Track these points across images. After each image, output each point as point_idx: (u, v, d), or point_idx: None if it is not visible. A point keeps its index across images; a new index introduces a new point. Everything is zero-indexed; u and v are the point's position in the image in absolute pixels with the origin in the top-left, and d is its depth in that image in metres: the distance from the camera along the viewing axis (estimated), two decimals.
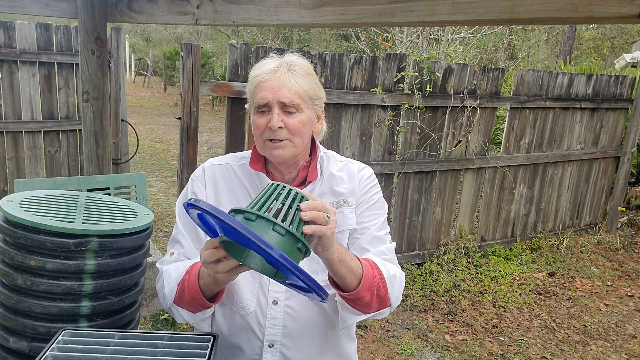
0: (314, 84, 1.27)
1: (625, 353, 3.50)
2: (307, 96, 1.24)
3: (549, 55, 14.90)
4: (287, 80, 1.21)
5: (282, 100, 1.20)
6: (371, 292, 1.19)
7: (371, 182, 1.37)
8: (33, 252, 1.37)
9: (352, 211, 1.33)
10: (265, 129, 1.22)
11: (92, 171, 2.73)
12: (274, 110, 1.21)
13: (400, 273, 1.30)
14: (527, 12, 1.38)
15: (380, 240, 1.33)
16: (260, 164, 1.31)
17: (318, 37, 16.93)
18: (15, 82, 4.46)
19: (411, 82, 4.09)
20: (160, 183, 7.12)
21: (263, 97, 1.21)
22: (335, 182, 1.34)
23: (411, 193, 4.38)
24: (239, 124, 3.52)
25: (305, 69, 1.25)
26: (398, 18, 1.63)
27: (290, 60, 1.24)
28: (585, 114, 5.40)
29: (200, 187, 1.34)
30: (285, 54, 1.28)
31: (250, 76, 1.27)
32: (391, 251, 1.34)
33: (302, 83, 1.23)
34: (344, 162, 1.39)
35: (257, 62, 1.29)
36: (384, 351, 3.30)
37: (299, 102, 1.22)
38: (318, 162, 1.32)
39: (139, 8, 2.46)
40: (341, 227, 1.31)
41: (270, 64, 1.24)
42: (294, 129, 1.22)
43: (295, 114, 1.23)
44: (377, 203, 1.36)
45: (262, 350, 1.30)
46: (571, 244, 5.32)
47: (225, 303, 1.33)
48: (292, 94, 1.21)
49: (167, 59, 19.38)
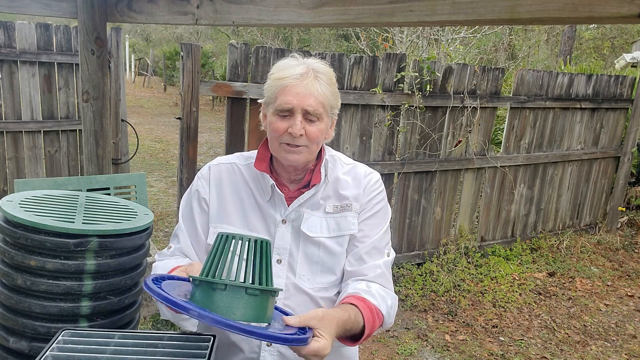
0: (336, 93, 1.28)
1: (625, 353, 3.50)
2: (329, 106, 1.25)
3: (549, 55, 14.90)
4: (314, 89, 1.20)
5: (306, 109, 1.20)
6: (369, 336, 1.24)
7: (377, 189, 1.37)
8: (33, 252, 1.37)
9: (355, 216, 1.33)
10: (284, 133, 1.22)
11: (92, 171, 2.73)
12: (297, 117, 1.20)
13: (394, 298, 1.33)
14: (527, 12, 1.38)
15: (379, 252, 1.34)
16: (265, 165, 1.31)
17: (318, 37, 16.93)
18: (15, 82, 4.46)
19: (411, 82, 4.09)
20: (160, 183, 7.12)
21: (288, 102, 1.20)
22: (341, 185, 1.34)
23: (411, 193, 4.38)
24: (239, 124, 3.52)
25: (329, 78, 1.25)
26: (398, 18, 1.63)
27: (316, 67, 1.24)
28: (585, 114, 5.40)
29: (205, 185, 1.36)
30: (307, 58, 1.27)
31: (274, 77, 1.24)
32: (387, 265, 1.35)
33: (327, 92, 1.23)
34: (351, 165, 1.39)
35: (278, 63, 1.27)
36: (384, 351, 3.30)
37: (321, 111, 1.23)
38: (323, 166, 1.32)
39: (139, 8, 2.46)
40: (343, 232, 1.32)
41: (296, 67, 1.22)
42: (313, 137, 1.23)
43: (316, 122, 1.23)
44: (380, 211, 1.36)
45: (260, 349, 1.30)
46: (571, 244, 5.32)
47: None
48: (317, 103, 1.21)
49: (167, 59, 19.38)
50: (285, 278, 1.30)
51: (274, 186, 1.29)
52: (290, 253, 1.30)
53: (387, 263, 1.35)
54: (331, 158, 1.36)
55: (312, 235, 1.30)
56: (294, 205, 1.30)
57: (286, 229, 1.30)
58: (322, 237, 1.31)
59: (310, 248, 1.31)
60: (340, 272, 1.34)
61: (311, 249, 1.31)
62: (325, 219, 1.31)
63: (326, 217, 1.32)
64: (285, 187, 1.33)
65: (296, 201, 1.30)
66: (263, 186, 1.32)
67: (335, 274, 1.34)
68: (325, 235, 1.31)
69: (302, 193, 1.31)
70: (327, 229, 1.31)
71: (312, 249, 1.31)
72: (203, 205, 1.35)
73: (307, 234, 1.30)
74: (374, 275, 1.31)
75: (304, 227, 1.30)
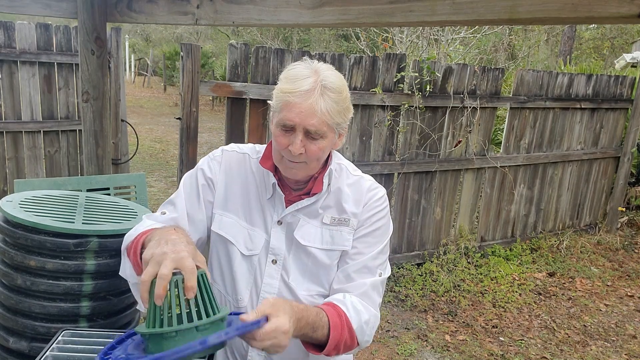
0: (344, 108, 1.22)
1: (625, 353, 3.50)
2: (334, 123, 1.19)
3: (549, 55, 14.91)
4: (318, 108, 1.15)
5: (308, 128, 1.16)
6: (338, 348, 1.19)
7: (379, 206, 1.32)
8: (33, 252, 1.37)
9: (350, 232, 1.30)
10: (284, 148, 1.19)
11: (91, 171, 2.72)
12: (297, 136, 1.17)
13: (374, 316, 1.27)
14: (527, 12, 1.38)
15: (370, 272, 1.29)
16: (270, 163, 1.29)
17: (318, 37, 16.93)
18: (15, 82, 4.45)
19: (411, 82, 4.09)
20: (160, 183, 7.12)
21: (290, 120, 1.16)
22: (343, 197, 1.31)
23: (411, 193, 4.38)
24: (239, 124, 3.52)
25: (338, 93, 1.18)
26: (398, 18, 1.63)
27: (325, 79, 1.17)
28: (585, 114, 5.40)
29: (216, 166, 1.33)
30: (319, 64, 1.21)
31: (281, 88, 1.18)
32: (375, 285, 1.29)
33: (332, 110, 1.17)
34: (357, 177, 1.34)
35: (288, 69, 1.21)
36: (383, 351, 3.30)
37: (325, 130, 1.18)
38: (327, 175, 1.29)
39: (138, 8, 2.46)
40: (336, 246, 1.29)
41: (304, 80, 1.16)
42: (312, 155, 1.20)
43: (318, 141, 1.19)
44: (379, 230, 1.31)
45: (247, 347, 1.31)
46: (571, 244, 5.32)
47: (221, 292, 1.34)
48: (320, 123, 1.16)
49: (167, 59, 19.38)
50: (280, 279, 1.29)
51: (276, 185, 1.28)
52: (284, 255, 1.29)
53: (375, 283, 1.29)
54: (338, 167, 1.33)
55: (304, 244, 1.28)
56: (290, 209, 1.28)
57: (281, 230, 1.29)
58: (314, 248, 1.28)
59: (300, 255, 1.29)
60: (328, 285, 1.31)
61: (301, 256, 1.29)
62: (321, 230, 1.29)
63: (322, 228, 1.29)
64: (287, 189, 1.31)
65: (294, 205, 1.28)
66: (266, 183, 1.31)
67: (323, 286, 1.31)
68: (317, 245, 1.28)
69: (302, 200, 1.29)
70: (321, 240, 1.29)
71: (302, 256, 1.29)
72: (210, 183, 1.32)
73: (299, 241, 1.28)
74: (357, 293, 1.27)
75: (298, 233, 1.28)
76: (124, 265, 1.23)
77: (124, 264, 1.22)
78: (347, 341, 1.21)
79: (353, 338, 1.22)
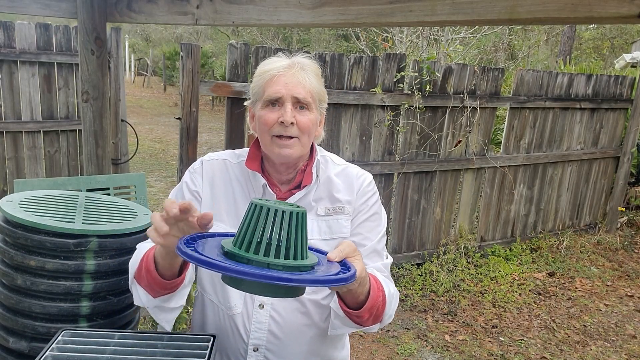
0: (323, 86, 1.28)
1: (625, 353, 3.50)
2: (317, 97, 1.25)
3: (549, 55, 14.91)
4: (302, 78, 1.21)
5: (296, 96, 1.20)
6: (371, 312, 1.16)
7: (371, 190, 1.33)
8: (33, 252, 1.37)
9: (347, 219, 1.30)
10: (274, 124, 1.20)
11: (91, 171, 2.72)
12: (286, 106, 1.20)
13: (396, 292, 1.28)
14: (527, 12, 1.39)
15: (379, 255, 1.31)
16: (257, 164, 1.29)
17: (318, 37, 16.93)
18: (15, 82, 4.45)
19: (411, 82, 4.09)
20: (160, 183, 7.12)
21: (277, 92, 1.20)
22: (334, 187, 1.31)
23: (411, 193, 4.38)
24: (239, 124, 3.52)
25: (315, 71, 1.26)
26: (398, 18, 1.64)
27: (301, 61, 1.25)
28: (585, 114, 5.40)
29: (199, 179, 1.31)
30: (293, 55, 1.28)
31: (260, 71, 1.25)
32: (387, 267, 1.32)
33: (315, 83, 1.23)
34: (343, 166, 1.36)
35: (263, 61, 1.28)
36: (383, 351, 3.30)
37: (310, 100, 1.22)
38: (314, 166, 1.29)
39: (138, 8, 2.46)
40: (335, 235, 1.29)
41: (283, 61, 1.24)
42: (304, 126, 1.21)
43: (306, 112, 1.22)
44: (376, 214, 1.32)
45: (246, 353, 1.28)
46: (571, 244, 5.32)
47: (213, 301, 1.32)
48: (306, 92, 1.21)
49: (167, 59, 19.37)
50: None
51: (266, 186, 1.27)
52: None
53: (386, 265, 1.31)
54: (323, 159, 1.34)
55: None
56: None
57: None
58: (313, 240, 1.27)
59: None
60: None
61: None
62: (317, 222, 1.29)
63: (317, 220, 1.29)
64: (276, 188, 1.30)
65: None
66: (254, 186, 1.29)
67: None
68: (316, 237, 1.28)
69: (293, 194, 1.28)
70: (319, 232, 1.28)
71: None
72: (196, 195, 1.31)
73: None
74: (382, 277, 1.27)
75: None
76: (136, 293, 1.19)
77: (136, 291, 1.19)
78: (379, 308, 1.18)
79: (383, 307, 1.20)
